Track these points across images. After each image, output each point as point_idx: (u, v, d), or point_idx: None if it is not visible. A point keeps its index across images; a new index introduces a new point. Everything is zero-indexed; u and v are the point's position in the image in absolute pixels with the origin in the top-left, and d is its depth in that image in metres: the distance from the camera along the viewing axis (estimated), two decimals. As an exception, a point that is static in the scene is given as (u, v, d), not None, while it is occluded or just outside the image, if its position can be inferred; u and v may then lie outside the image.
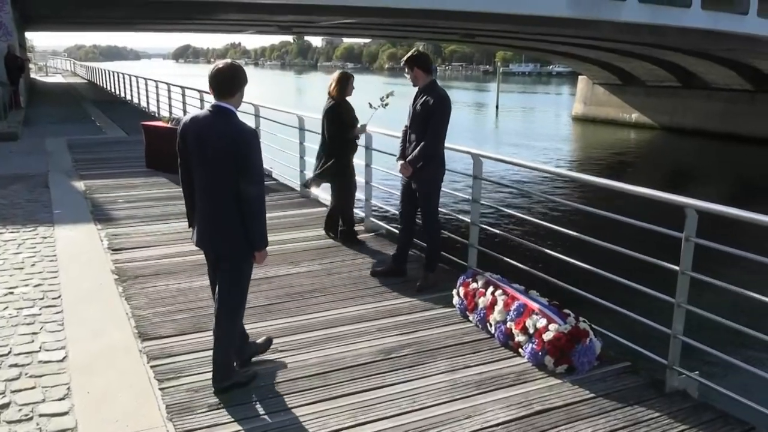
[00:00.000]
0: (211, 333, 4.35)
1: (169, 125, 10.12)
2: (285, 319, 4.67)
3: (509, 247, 4.97)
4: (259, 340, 4.12)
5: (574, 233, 4.52)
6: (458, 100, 65.08)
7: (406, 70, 5.12)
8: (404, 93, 5.28)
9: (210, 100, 3.74)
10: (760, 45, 25.87)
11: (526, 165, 5.20)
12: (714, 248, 3.53)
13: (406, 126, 5.22)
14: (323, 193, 7.67)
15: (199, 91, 13.51)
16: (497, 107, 51.65)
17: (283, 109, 9.40)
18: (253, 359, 4.01)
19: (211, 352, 4.03)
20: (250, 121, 10.40)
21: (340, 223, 6.53)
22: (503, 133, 38.40)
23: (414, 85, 5.12)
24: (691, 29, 24.65)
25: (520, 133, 37.30)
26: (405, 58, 5.16)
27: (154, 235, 6.74)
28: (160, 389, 3.65)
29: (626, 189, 4.03)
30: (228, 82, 3.44)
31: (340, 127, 6.13)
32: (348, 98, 6.24)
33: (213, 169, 3.43)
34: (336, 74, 6.35)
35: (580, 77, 43.01)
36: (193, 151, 3.50)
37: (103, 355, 4.05)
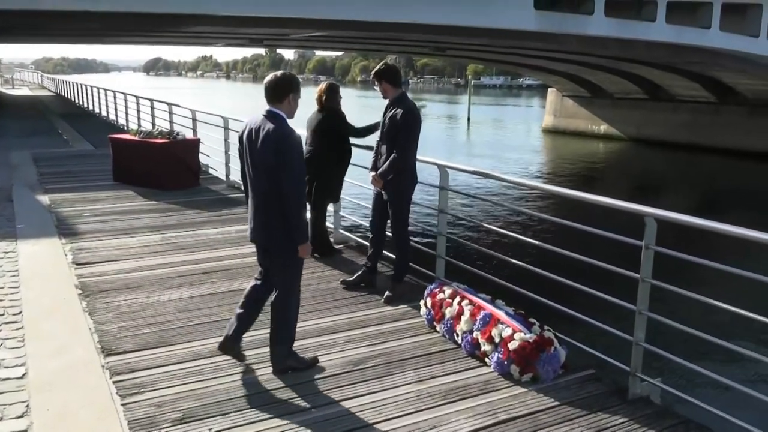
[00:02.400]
0: (176, 347, 4.36)
1: (137, 138, 10.02)
2: (252, 332, 4.60)
3: (476, 257, 5.01)
4: (306, 356, 4.19)
5: (539, 243, 4.58)
6: (430, 113, 65.51)
7: (375, 83, 5.15)
8: (380, 106, 5.30)
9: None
10: (723, 58, 26.47)
11: (492, 175, 5.25)
12: (675, 256, 3.59)
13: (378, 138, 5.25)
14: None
15: (168, 103, 13.40)
16: (468, 119, 52.12)
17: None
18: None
19: (176, 366, 4.08)
20: (217, 134, 10.43)
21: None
22: (474, 145, 38.72)
23: (384, 98, 5.15)
24: (657, 43, 25.14)
25: (492, 144, 37.65)
26: (373, 71, 5.18)
27: (119, 249, 6.64)
28: (123, 405, 3.59)
29: (588, 198, 4.10)
30: (275, 89, 3.79)
31: (339, 139, 6.08)
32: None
33: (258, 168, 3.75)
34: (324, 85, 6.25)
35: (549, 90, 43.60)
36: (245, 151, 3.85)
37: (65, 372, 3.97)
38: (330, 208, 6.79)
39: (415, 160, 5.12)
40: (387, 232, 5.46)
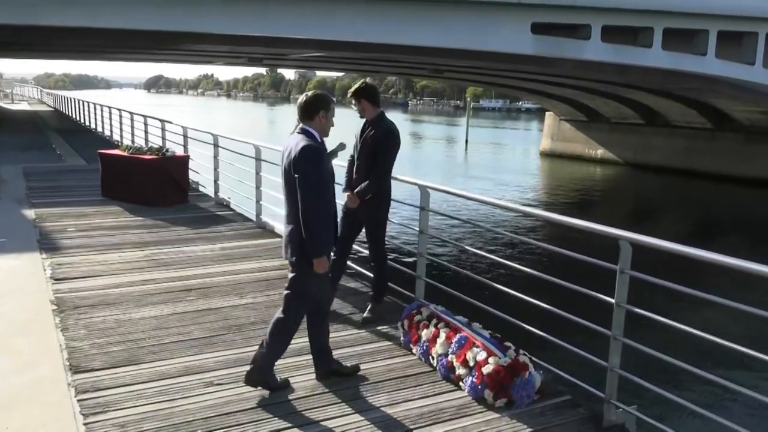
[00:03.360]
0: (145, 366, 4.28)
1: (126, 154, 9.99)
2: (225, 351, 4.55)
3: (456, 278, 4.94)
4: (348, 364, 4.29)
5: (518, 265, 4.52)
6: (429, 135, 65.82)
7: (353, 101, 5.11)
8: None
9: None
10: (719, 85, 26.60)
11: (472, 197, 5.20)
12: (652, 282, 3.53)
13: (352, 156, 5.18)
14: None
15: (160, 120, 13.41)
16: (467, 141, 52.25)
17: (240, 139, 9.34)
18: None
19: (143, 386, 4.01)
20: (208, 151, 10.40)
21: None
22: (472, 166, 38.80)
23: (361, 117, 5.11)
24: (653, 68, 25.28)
25: (489, 167, 37.73)
26: (352, 90, 5.13)
27: (101, 264, 6.57)
28: (84, 424, 3.51)
29: (564, 221, 4.05)
30: (305, 107, 3.95)
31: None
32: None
33: (285, 182, 3.89)
34: None
35: (547, 113, 43.78)
36: (282, 165, 3.97)
37: (29, 389, 3.89)
38: None
39: (390, 180, 5.07)
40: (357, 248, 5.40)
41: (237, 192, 9.76)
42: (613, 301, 3.61)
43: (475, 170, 35.80)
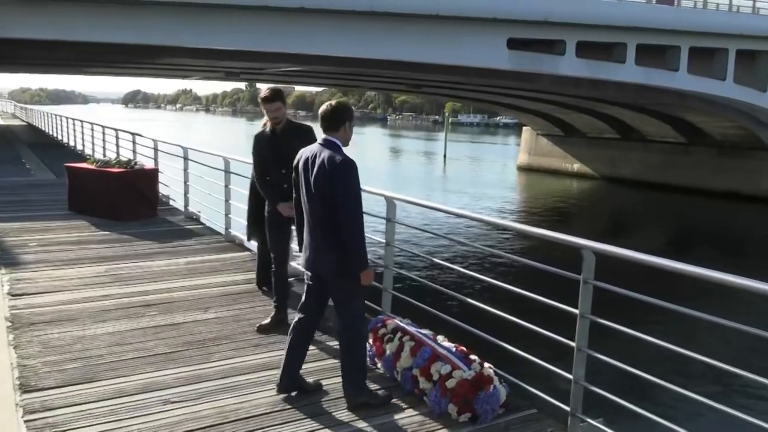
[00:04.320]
0: (101, 383, 4.14)
1: (93, 167, 9.81)
2: (185, 367, 4.40)
3: (422, 291, 4.85)
4: (310, 380, 4.14)
5: (485, 277, 4.45)
6: (407, 149, 66.04)
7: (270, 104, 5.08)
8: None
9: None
10: (691, 100, 27.01)
11: (437, 207, 5.12)
12: (617, 292, 3.47)
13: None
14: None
15: (131, 133, 13.23)
16: (445, 156, 52.46)
17: (210, 152, 9.21)
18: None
19: (96, 404, 3.87)
20: (180, 164, 10.25)
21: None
22: (450, 180, 38.93)
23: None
24: (627, 83, 25.61)
25: (467, 181, 37.88)
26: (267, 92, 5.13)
27: (60, 280, 6.38)
28: (29, 446, 3.36)
29: (528, 231, 4.00)
30: (331, 117, 3.79)
31: None
32: None
33: (314, 196, 3.74)
34: None
35: (524, 128, 44.17)
36: (301, 179, 3.85)
37: (-27, 409, 3.72)
38: None
39: None
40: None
41: (207, 206, 9.62)
42: (576, 311, 3.54)
43: (453, 184, 35.92)
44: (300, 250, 4.09)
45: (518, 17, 23.30)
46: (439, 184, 36.71)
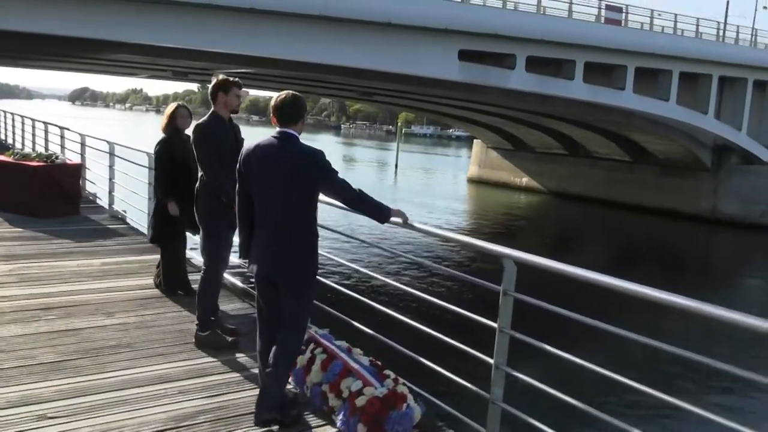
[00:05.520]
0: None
1: (11, 160, 9.19)
2: (71, 379, 3.98)
3: (341, 300, 4.53)
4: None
5: (405, 287, 4.17)
6: (360, 158, 65.81)
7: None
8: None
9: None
10: (636, 119, 27.53)
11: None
12: (542, 306, 3.22)
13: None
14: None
15: (59, 127, 12.57)
16: (396, 166, 52.41)
17: (138, 148, 8.71)
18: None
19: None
20: (104, 159, 9.72)
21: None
22: (400, 190, 38.80)
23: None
24: (574, 100, 25.94)
25: (416, 191, 37.82)
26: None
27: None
28: None
29: (449, 237, 3.73)
30: (290, 110, 3.54)
31: (171, 165, 5.50)
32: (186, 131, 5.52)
33: (282, 192, 3.43)
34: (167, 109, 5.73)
35: (475, 141, 44.46)
36: (257, 176, 3.48)
37: None
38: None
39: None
40: None
41: (133, 205, 9.11)
42: (495, 325, 3.28)
43: (403, 194, 35.78)
44: (242, 256, 3.68)
45: (470, 29, 23.35)
46: (389, 194, 36.48)
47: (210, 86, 4.58)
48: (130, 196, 9.30)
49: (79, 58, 29.93)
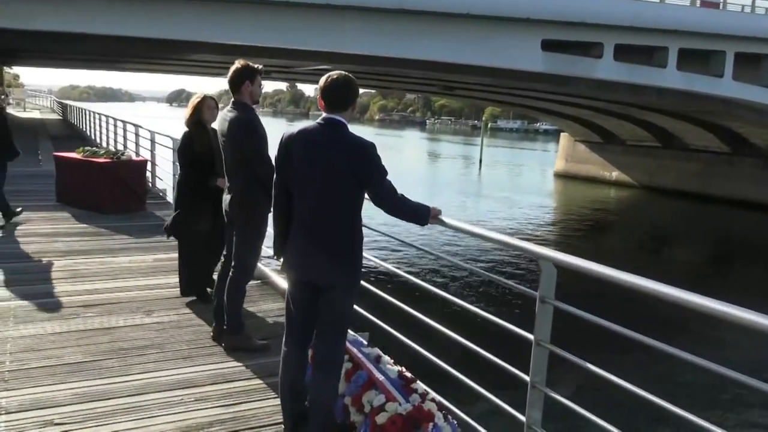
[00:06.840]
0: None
1: (80, 157, 9.38)
2: (92, 381, 3.80)
3: (372, 301, 4.16)
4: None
5: (437, 290, 3.75)
6: (444, 153, 65.19)
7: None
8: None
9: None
10: (736, 108, 25.66)
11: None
12: (586, 318, 2.74)
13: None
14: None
15: (134, 125, 12.86)
16: (480, 161, 51.47)
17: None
18: None
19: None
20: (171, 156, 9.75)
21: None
22: (484, 186, 37.95)
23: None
24: (668, 89, 24.44)
25: (501, 186, 36.90)
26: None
27: (12, 274, 5.88)
28: None
29: (484, 235, 3.29)
30: (341, 94, 3.12)
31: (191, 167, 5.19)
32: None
33: (327, 186, 3.06)
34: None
35: (562, 134, 42.98)
36: (298, 168, 3.10)
37: None
38: None
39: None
40: None
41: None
42: (532, 337, 2.82)
43: (487, 190, 34.94)
44: (275, 254, 3.37)
45: (553, 18, 22.38)
46: (473, 189, 35.72)
47: (230, 73, 4.27)
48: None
49: (166, 59, 31.05)
